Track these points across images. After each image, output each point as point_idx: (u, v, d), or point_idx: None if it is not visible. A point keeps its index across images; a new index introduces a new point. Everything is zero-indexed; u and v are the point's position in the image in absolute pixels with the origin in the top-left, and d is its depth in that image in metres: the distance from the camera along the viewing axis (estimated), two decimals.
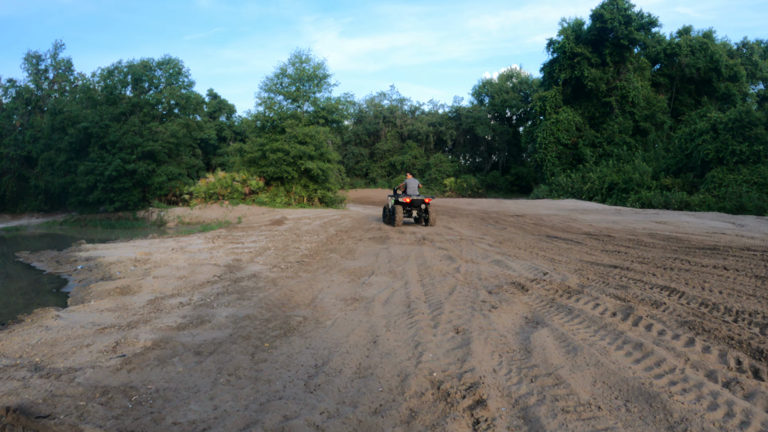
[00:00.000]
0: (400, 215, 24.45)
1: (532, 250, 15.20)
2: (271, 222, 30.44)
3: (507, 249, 15.64)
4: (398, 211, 24.42)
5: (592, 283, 9.91)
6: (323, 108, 45.72)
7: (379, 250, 15.39)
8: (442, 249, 15.36)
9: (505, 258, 13.34)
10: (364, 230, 23.46)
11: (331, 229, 24.31)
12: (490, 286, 9.87)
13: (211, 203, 44.11)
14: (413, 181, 25.29)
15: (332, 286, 10.30)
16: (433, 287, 9.79)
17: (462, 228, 25.05)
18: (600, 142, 59.14)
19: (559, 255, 14.20)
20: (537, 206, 42.95)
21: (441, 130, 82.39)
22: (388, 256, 14.01)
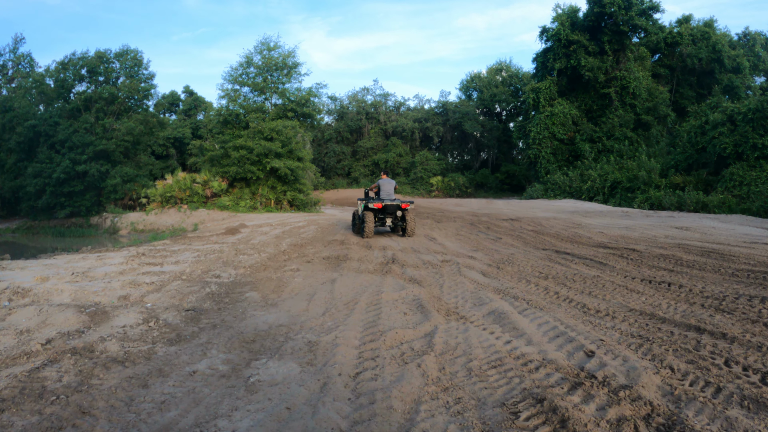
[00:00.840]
0: (371, 224, 19.98)
1: (547, 284, 10.42)
2: (226, 230, 25.93)
3: (509, 280, 10.91)
4: (368, 219, 19.98)
5: (696, 393, 5.08)
6: (292, 100, 40.91)
7: (321, 286, 10.61)
8: (414, 283, 10.67)
9: (509, 304, 8.62)
10: (324, 244, 18.88)
11: (284, 242, 19.69)
12: (492, 401, 5.02)
13: (169, 208, 39.48)
14: (388, 182, 20.87)
15: (174, 400, 5.58)
16: (371, 409, 4.88)
17: (447, 238, 20.49)
18: (599, 137, 54.53)
19: (590, 294, 9.45)
20: (532, 208, 38.61)
21: (427, 127, 77.72)
22: (327, 300, 9.28)
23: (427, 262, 13.58)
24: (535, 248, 16.84)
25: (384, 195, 20.56)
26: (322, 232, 23.75)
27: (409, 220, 20.47)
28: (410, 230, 20.54)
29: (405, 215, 20.57)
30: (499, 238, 20.23)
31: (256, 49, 40.98)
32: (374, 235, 21.21)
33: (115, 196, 44.73)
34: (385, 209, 20.28)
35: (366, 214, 20.06)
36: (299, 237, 21.56)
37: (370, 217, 19.92)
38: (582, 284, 10.35)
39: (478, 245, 18.21)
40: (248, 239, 21.43)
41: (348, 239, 19.92)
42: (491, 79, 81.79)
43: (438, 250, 16.51)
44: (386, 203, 20.12)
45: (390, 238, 20.39)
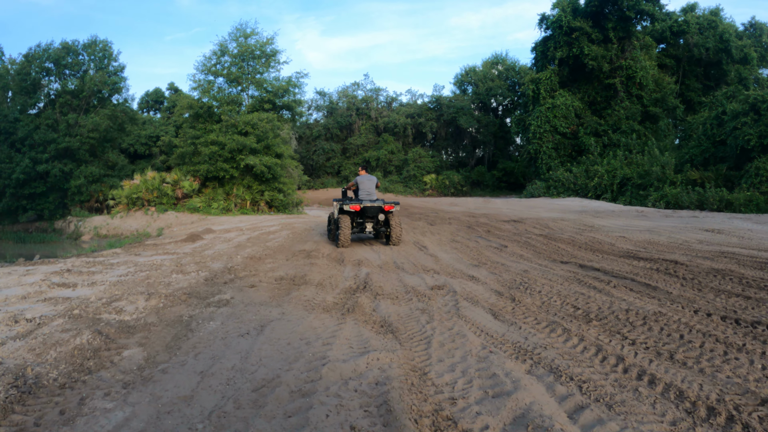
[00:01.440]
0: (346, 231, 16.46)
1: (595, 334, 6.65)
2: (187, 237, 22.22)
3: (533, 326, 7.20)
4: (343, 224, 16.48)
5: None
6: (270, 90, 37.21)
7: (240, 340, 6.75)
8: (387, 334, 6.95)
9: (548, 393, 4.85)
10: (287, 256, 15.36)
11: (242, 254, 16.11)
12: None
13: (135, 210, 35.88)
14: (368, 178, 17.34)
15: None
16: None
17: (441, 246, 17.10)
18: (604, 131, 50.88)
19: (671, 358, 5.67)
20: (535, 207, 35.27)
21: (420, 122, 74.21)
22: (229, 378, 5.33)
23: (411, 288, 9.93)
24: (552, 261, 13.37)
25: (363, 194, 17.11)
26: (292, 238, 20.19)
27: (394, 226, 16.97)
28: (395, 238, 17.04)
29: (389, 219, 17.08)
30: (503, 247, 16.68)
31: (231, 37, 37.39)
32: (352, 243, 17.77)
33: (80, 198, 41.17)
34: (364, 212, 16.82)
35: (341, 218, 16.60)
36: (263, 246, 17.99)
37: (345, 222, 16.44)
38: (647, 333, 6.71)
39: (479, 257, 14.69)
40: (205, 248, 17.98)
41: (319, 249, 16.36)
42: (487, 73, 78.14)
43: (429, 265, 12.94)
44: (365, 204, 16.66)
45: (370, 246, 16.92)
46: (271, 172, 34.35)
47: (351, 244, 17.50)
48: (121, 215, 35.81)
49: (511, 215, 29.13)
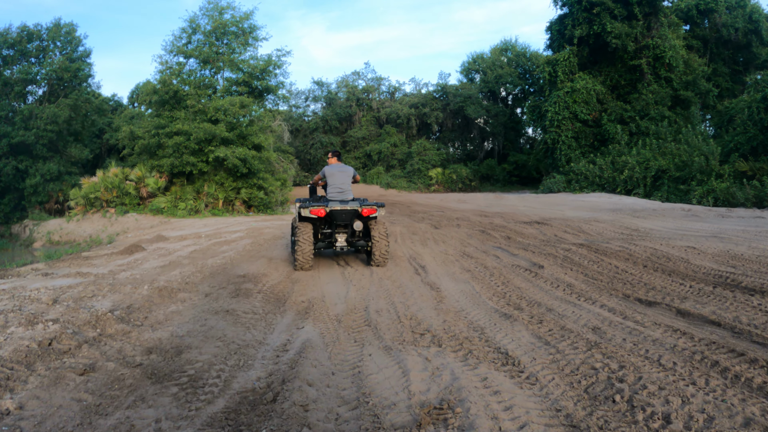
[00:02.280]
0: (306, 247, 11.40)
1: None
2: (126, 249, 17.65)
3: None
4: (303, 237, 11.43)
5: None
6: (246, 71, 32.08)
7: None
8: None
9: None
10: (213, 288, 10.60)
11: (157, 282, 11.09)
12: None
13: (93, 212, 30.91)
14: (341, 169, 12.31)
15: None
16: None
17: (447, 267, 12.30)
18: (631, 117, 45.42)
19: None
20: (557, 205, 30.43)
21: (425, 113, 68.57)
22: None
23: (374, 414, 4.66)
24: (624, 298, 8.86)
25: (333, 192, 12.04)
26: (245, 253, 15.25)
27: (377, 239, 11.82)
28: (379, 256, 11.91)
29: (371, 228, 11.91)
30: (537, 267, 11.81)
31: (203, 11, 32.19)
32: (322, 258, 12.91)
33: (37, 199, 36.24)
34: (332, 218, 11.71)
35: (300, 227, 11.50)
36: (199, 266, 13.09)
37: (306, 233, 11.40)
38: None
39: (506, 289, 9.84)
40: (131, 266, 13.52)
41: (265, 274, 11.48)
42: (496, 60, 72.64)
43: (425, 317, 7.93)
44: (334, 208, 11.54)
45: (343, 268, 12.01)
46: (246, 166, 29.23)
47: (317, 261, 12.77)
48: (77, 218, 30.93)
49: (531, 215, 24.59)
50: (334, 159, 12.75)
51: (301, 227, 11.48)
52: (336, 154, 12.89)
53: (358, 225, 11.91)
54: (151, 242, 19.69)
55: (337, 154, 12.92)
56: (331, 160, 12.74)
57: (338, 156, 12.87)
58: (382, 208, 12.02)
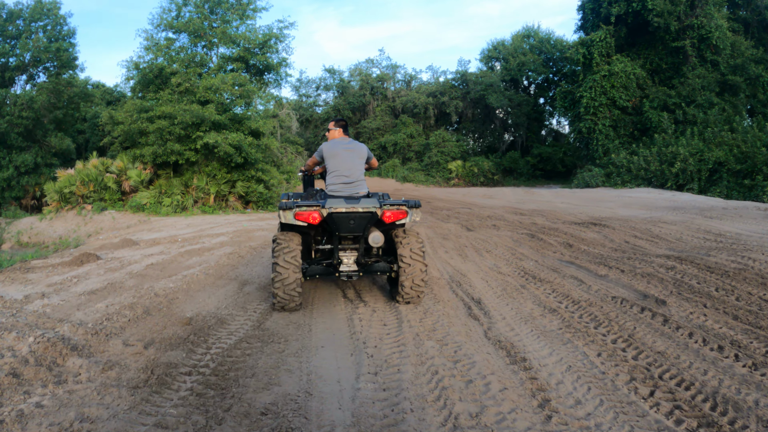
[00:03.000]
0: (291, 277, 6.90)
1: None
2: (75, 258, 13.75)
3: None
4: (285, 261, 6.88)
5: None
6: (242, 46, 27.79)
7: None
8: None
9: None
10: (122, 356, 5.90)
11: (78, 316, 6.98)
12: None
13: (68, 209, 26.92)
14: (347, 147, 7.79)
15: None
16: None
17: (511, 297, 8.56)
18: (676, 104, 40.89)
19: None
20: (601, 201, 26.72)
21: (443, 102, 63.97)
22: None
23: None
24: None
25: (335, 182, 7.68)
26: (222, 268, 11.38)
27: (408, 260, 7.42)
28: (411, 290, 7.55)
29: (397, 243, 7.53)
30: (656, 302, 7.96)
31: None
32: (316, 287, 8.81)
33: (11, 194, 32.25)
34: (333, 225, 7.18)
35: (281, 242, 7.13)
36: (145, 292, 9.31)
37: (289, 254, 7.04)
38: None
39: (637, 353, 5.95)
40: (58, 290, 9.87)
41: (228, 317, 7.26)
42: (518, 47, 68.33)
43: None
44: (336, 209, 7.00)
45: (351, 308, 7.87)
46: (242, 155, 25.01)
47: (312, 290, 8.70)
48: (50, 216, 26.91)
49: (576, 213, 20.92)
50: (337, 131, 8.31)
51: (281, 241, 7.16)
52: (341, 124, 8.37)
53: (377, 237, 7.40)
54: (114, 248, 16.02)
55: (342, 123, 8.39)
56: (332, 132, 8.31)
57: (344, 127, 8.39)
58: (416, 210, 7.48)
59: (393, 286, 8.15)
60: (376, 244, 7.38)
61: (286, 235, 7.34)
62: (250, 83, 26.77)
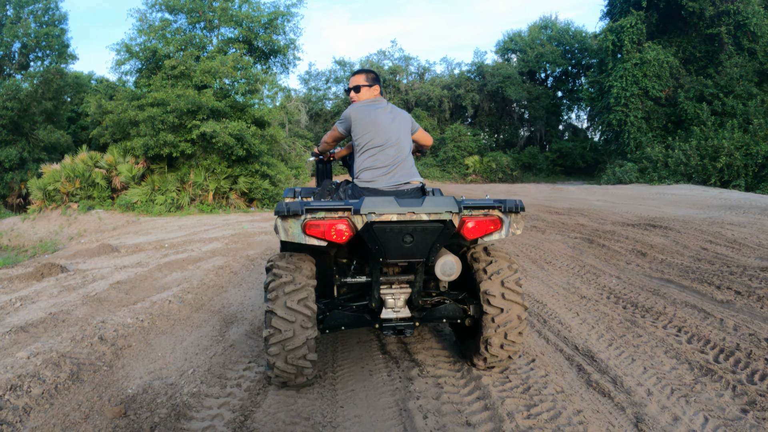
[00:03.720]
0: (297, 335, 3.93)
1: None
2: (38, 269, 11.34)
3: None
4: (288, 309, 3.89)
5: None
6: (244, 26, 25.04)
7: None
8: None
9: None
10: None
11: None
12: None
13: (53, 208, 24.43)
14: (383, 111, 4.74)
15: None
16: None
17: (643, 356, 5.27)
18: (713, 95, 38.02)
19: None
20: (641, 199, 24.23)
21: (459, 94, 61.06)
22: None
23: None
24: None
25: (371, 165, 4.78)
26: (205, 292, 8.73)
27: (497, 302, 4.43)
28: (500, 348, 4.55)
29: (478, 274, 4.57)
30: None
31: None
32: (329, 340, 5.71)
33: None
34: (376, 245, 3.99)
35: (279, 273, 4.14)
36: (91, 332, 6.48)
37: (296, 298, 4.06)
38: None
39: None
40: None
41: (194, 402, 4.19)
42: (535, 38, 65.77)
43: None
44: (379, 215, 3.94)
45: (398, 380, 4.71)
46: (244, 147, 22.34)
47: (332, 341, 5.84)
48: (33, 216, 24.42)
49: (622, 213, 18.31)
50: (369, 89, 5.25)
51: (282, 272, 4.28)
52: (371, 77, 5.30)
53: (450, 266, 4.34)
54: (89, 256, 13.66)
55: (373, 77, 5.30)
56: (362, 91, 5.24)
57: (376, 80, 5.31)
58: (517, 216, 4.39)
59: (467, 338, 5.20)
60: (448, 276, 4.32)
61: (290, 261, 4.40)
62: (253, 67, 24.10)
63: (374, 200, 3.94)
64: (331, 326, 4.57)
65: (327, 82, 66.33)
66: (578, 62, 63.15)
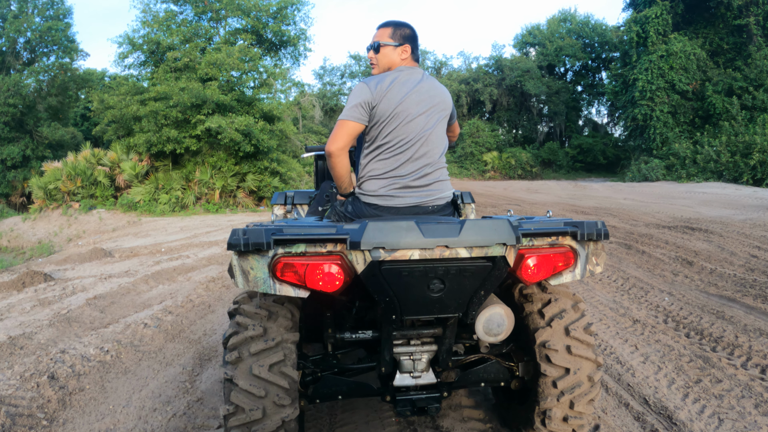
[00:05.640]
0: (269, 415, 2.68)
1: None
2: (29, 275, 10.48)
3: None
4: (256, 378, 2.74)
5: None
6: (252, 16, 23.94)
7: None
8: None
9: None
10: None
11: None
12: None
13: (54, 208, 23.52)
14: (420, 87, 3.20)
15: None
16: None
17: (717, 412, 4.21)
18: (743, 88, 36.63)
19: None
20: (670, 198, 22.96)
21: (477, 89, 59.51)
22: None
23: None
24: None
25: (387, 168, 3.32)
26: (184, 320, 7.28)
27: (558, 352, 3.12)
28: (562, 421, 3.12)
29: (526, 312, 3.25)
30: None
31: None
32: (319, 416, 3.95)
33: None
34: (387, 296, 2.66)
35: (246, 324, 2.86)
36: (41, 372, 5.23)
37: (267, 362, 2.80)
38: None
39: None
40: None
41: None
42: (554, 31, 64.63)
43: None
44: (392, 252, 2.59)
45: None
46: (252, 143, 21.26)
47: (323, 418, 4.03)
48: (34, 216, 23.53)
49: (653, 213, 17.02)
50: (393, 51, 3.62)
51: (247, 321, 2.93)
52: (400, 32, 3.65)
53: (498, 322, 2.98)
54: (79, 261, 12.85)
55: (403, 32, 3.66)
56: (388, 54, 3.62)
57: (409, 39, 3.66)
58: (597, 246, 3.03)
59: (513, 402, 3.75)
60: (494, 336, 3.03)
61: (262, 304, 3.04)
62: (263, 59, 23.04)
63: (383, 226, 2.63)
64: (322, 395, 3.22)
65: (342, 77, 65.44)
66: (598, 56, 61.89)
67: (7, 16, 30.03)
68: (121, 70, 24.81)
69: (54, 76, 30.74)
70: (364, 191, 3.31)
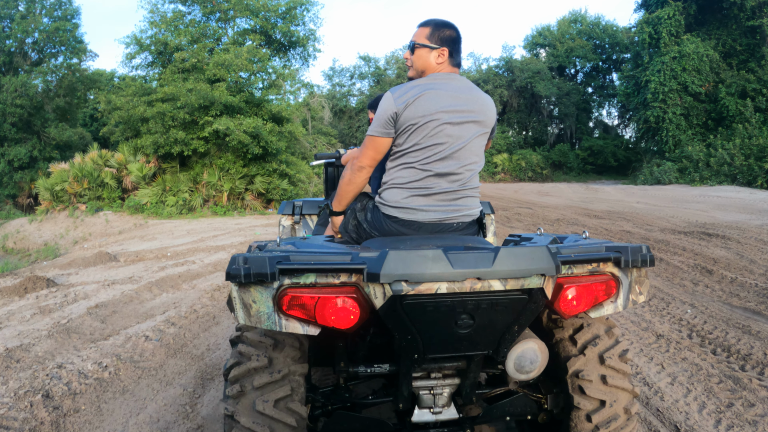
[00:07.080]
0: None
1: None
2: (21, 283, 9.84)
3: None
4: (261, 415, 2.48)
5: None
6: (261, 16, 23.77)
7: None
8: None
9: None
10: None
11: None
12: None
13: (61, 209, 23.44)
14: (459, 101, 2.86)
15: None
16: None
17: None
18: (757, 90, 36.34)
19: None
20: (684, 202, 22.79)
21: (487, 90, 58.19)
22: None
23: None
24: None
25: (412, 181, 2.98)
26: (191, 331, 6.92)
27: (593, 384, 2.81)
28: None
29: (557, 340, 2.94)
30: None
31: None
32: None
33: (5, 192, 29.02)
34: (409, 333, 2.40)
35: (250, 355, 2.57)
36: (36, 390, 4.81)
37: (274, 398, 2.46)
38: None
39: None
40: None
41: None
42: (564, 32, 64.40)
43: None
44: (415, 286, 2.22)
45: None
46: (261, 145, 21.05)
47: None
48: (41, 218, 23.42)
49: (668, 218, 16.88)
50: (428, 54, 3.20)
51: (251, 350, 2.63)
52: (438, 34, 3.21)
53: (531, 357, 2.71)
54: (84, 265, 12.65)
55: (443, 34, 3.21)
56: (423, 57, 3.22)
57: (449, 41, 3.22)
58: (641, 273, 2.74)
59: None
60: (526, 374, 2.74)
61: (267, 332, 2.68)
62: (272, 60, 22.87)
63: (406, 256, 2.24)
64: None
65: (351, 78, 65.27)
66: (609, 57, 61.65)
67: (15, 17, 29.94)
68: (128, 71, 24.65)
69: (62, 77, 30.68)
70: (385, 200, 3.02)
